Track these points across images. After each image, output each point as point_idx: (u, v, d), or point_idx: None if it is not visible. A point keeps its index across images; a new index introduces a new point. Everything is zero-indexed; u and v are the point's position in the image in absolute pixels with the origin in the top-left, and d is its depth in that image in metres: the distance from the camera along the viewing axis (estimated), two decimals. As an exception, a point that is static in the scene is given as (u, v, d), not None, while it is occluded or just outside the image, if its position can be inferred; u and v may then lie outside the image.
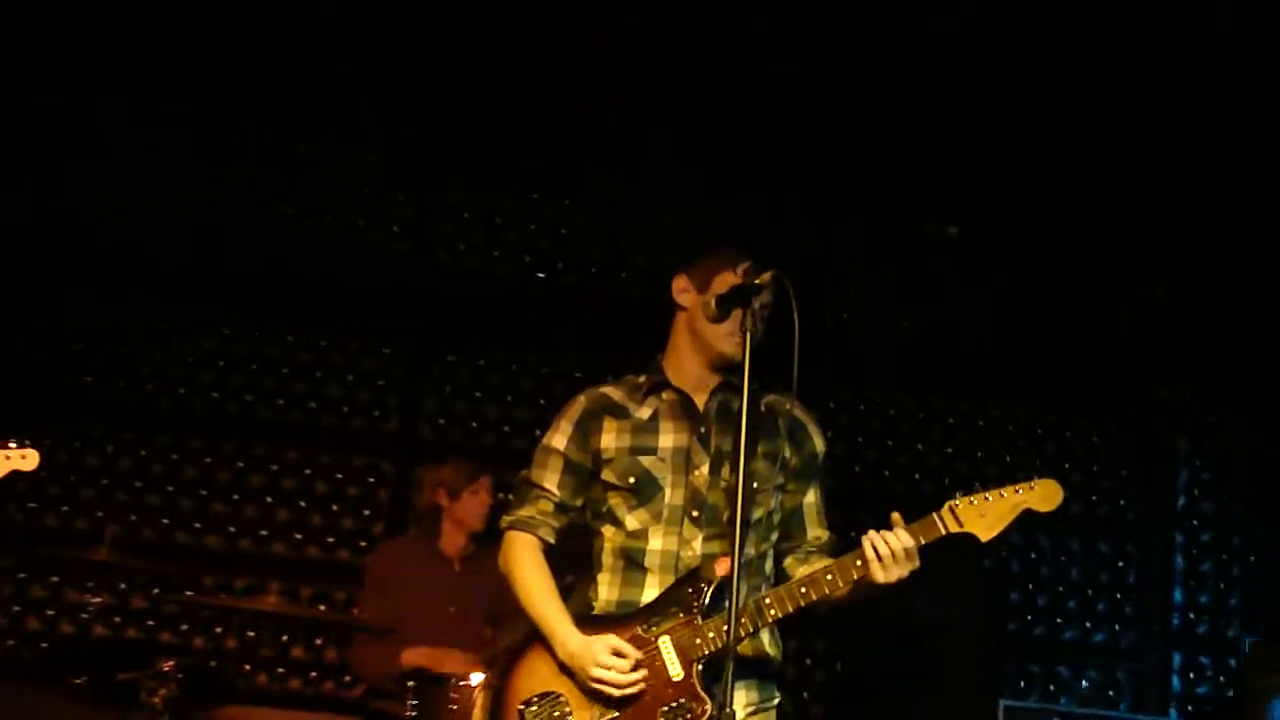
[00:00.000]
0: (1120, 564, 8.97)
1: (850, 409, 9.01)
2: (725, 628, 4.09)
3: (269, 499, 8.46)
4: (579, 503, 4.67)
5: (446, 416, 8.66)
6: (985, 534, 4.31)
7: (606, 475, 4.62)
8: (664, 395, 4.65)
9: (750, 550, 4.41)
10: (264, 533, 8.42)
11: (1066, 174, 7.58)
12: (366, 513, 8.51)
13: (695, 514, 4.49)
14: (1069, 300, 8.64)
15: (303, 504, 8.49)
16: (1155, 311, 8.58)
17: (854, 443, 8.90)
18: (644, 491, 4.55)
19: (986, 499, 4.31)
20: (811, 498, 4.67)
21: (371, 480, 8.56)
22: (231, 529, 8.36)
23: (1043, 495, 4.33)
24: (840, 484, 8.14)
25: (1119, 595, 8.93)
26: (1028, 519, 4.37)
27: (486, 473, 7.34)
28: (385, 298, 8.42)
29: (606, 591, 4.58)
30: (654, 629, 4.41)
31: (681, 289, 4.60)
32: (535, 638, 4.54)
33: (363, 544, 8.36)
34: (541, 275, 8.40)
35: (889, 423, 9.00)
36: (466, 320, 8.57)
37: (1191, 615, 8.89)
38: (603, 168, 8.22)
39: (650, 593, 4.50)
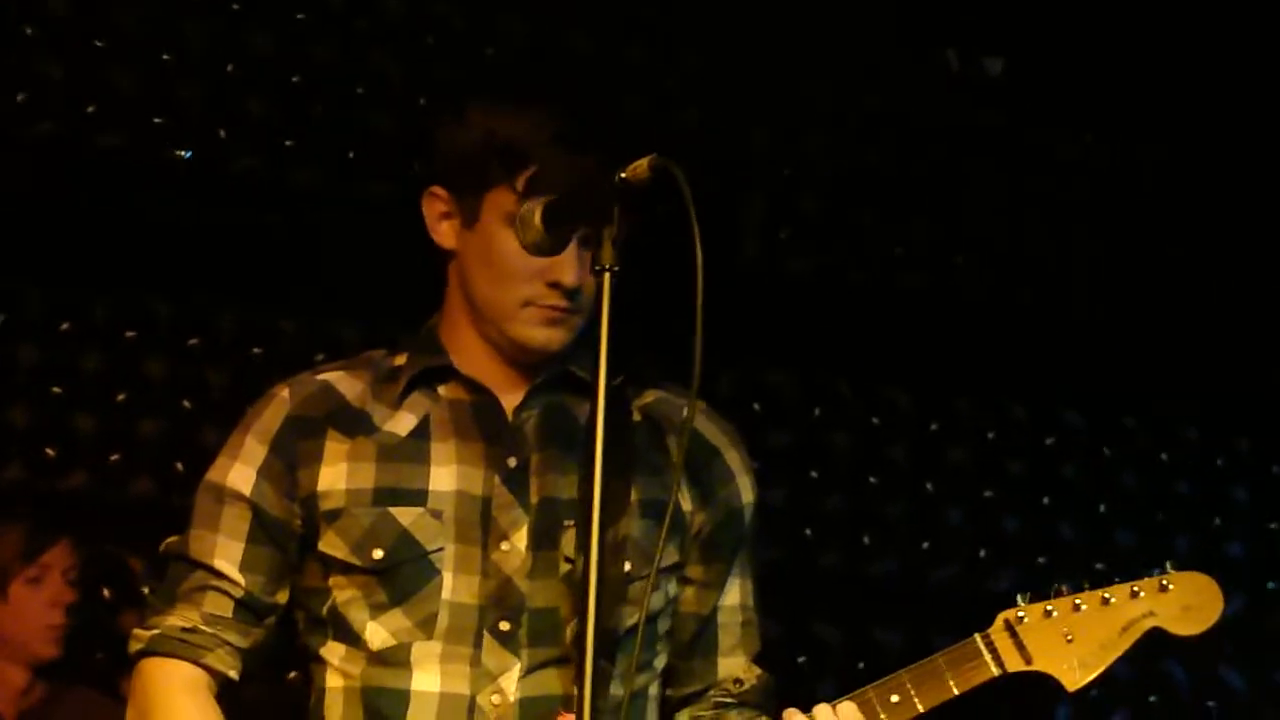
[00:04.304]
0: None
1: (797, 414, 7.09)
2: None
3: None
4: (282, 597, 3.34)
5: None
6: (1074, 678, 3.26)
7: (329, 544, 3.29)
8: (441, 392, 3.43)
9: (617, 690, 3.28)
10: None
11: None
12: None
13: (504, 625, 3.29)
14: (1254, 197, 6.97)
15: None
16: None
17: (804, 481, 6.97)
18: (402, 577, 3.30)
19: (1077, 607, 3.28)
20: (733, 596, 3.49)
21: None
22: None
23: (1185, 604, 3.30)
24: (778, 561, 6.73)
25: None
26: (1152, 643, 3.37)
27: (62, 539, 5.99)
28: None
29: (332, 781, 3.32)
30: None
31: (439, 214, 3.35)
32: None
33: None
34: (184, 153, 6.59)
35: (874, 442, 7.12)
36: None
37: None
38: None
39: (417, 780, 3.29)
